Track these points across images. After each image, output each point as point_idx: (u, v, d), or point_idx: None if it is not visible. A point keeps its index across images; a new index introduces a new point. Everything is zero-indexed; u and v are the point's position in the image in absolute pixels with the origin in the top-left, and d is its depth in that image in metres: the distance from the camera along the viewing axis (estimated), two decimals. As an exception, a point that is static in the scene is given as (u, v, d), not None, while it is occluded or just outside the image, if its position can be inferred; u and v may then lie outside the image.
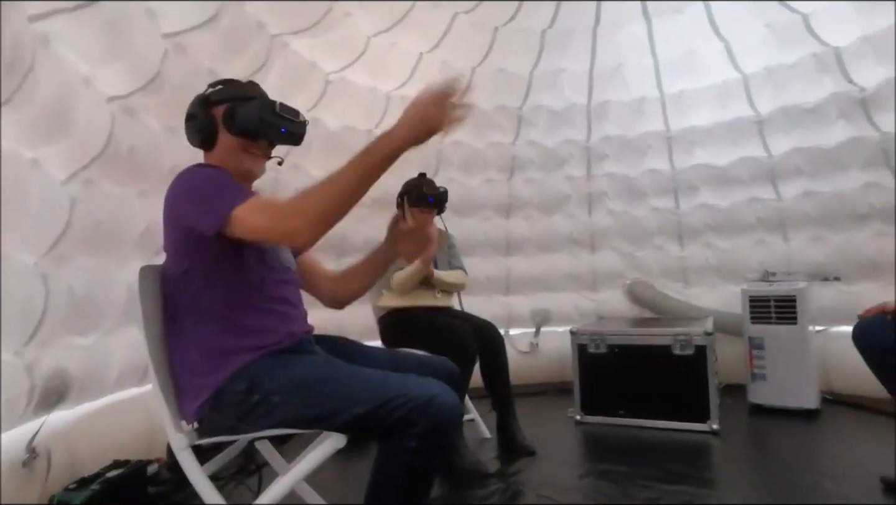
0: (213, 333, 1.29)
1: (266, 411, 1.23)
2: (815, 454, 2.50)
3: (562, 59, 3.91)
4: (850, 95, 3.25)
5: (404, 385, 1.18)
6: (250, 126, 1.35)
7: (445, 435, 1.18)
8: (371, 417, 1.15)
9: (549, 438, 2.83)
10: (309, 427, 1.24)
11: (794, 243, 3.57)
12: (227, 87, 1.43)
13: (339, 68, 3.33)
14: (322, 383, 1.22)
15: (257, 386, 1.24)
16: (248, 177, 1.44)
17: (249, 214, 1.19)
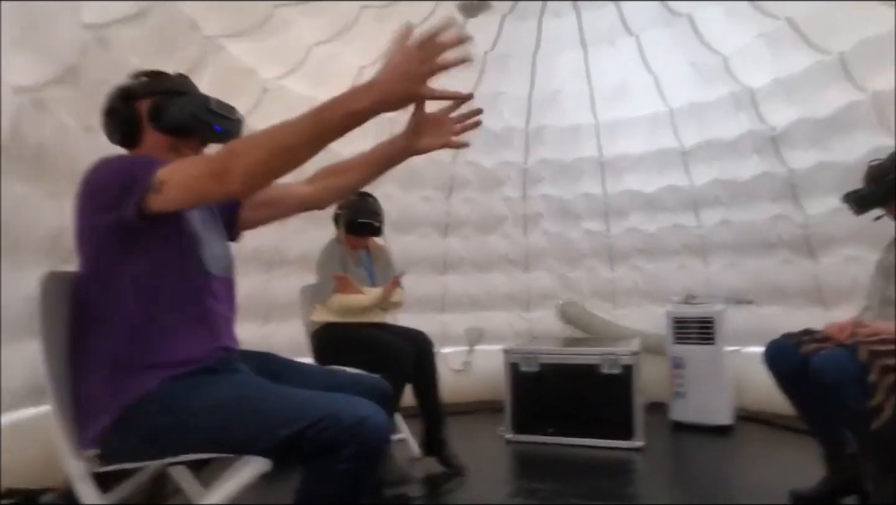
0: (124, 348, 1.17)
1: (180, 435, 1.14)
2: (730, 469, 2.63)
3: (502, 81, 4.00)
4: (762, 133, 3.51)
5: (333, 405, 1.12)
6: (181, 122, 1.24)
7: (375, 458, 1.13)
8: (297, 440, 1.09)
9: (479, 457, 2.82)
10: (229, 451, 1.16)
11: (713, 268, 3.79)
12: (153, 80, 1.32)
13: (278, 76, 3.24)
14: (244, 404, 1.15)
15: (171, 407, 1.14)
16: None
17: (178, 168, 1.09)
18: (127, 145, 1.30)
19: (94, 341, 1.19)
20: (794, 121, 3.35)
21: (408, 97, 1.04)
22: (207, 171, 1.08)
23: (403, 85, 1.01)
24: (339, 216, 2.72)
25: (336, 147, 3.69)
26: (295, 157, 1.05)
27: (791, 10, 3.07)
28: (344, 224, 2.68)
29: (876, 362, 1.69)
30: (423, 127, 1.31)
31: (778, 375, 2.07)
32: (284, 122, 1.04)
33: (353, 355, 2.31)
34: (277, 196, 1.48)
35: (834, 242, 3.24)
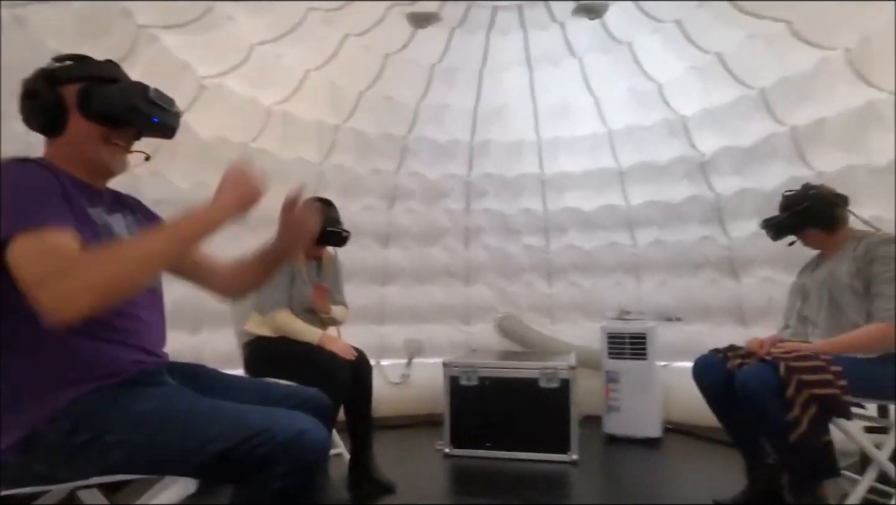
0: (32, 363, 1.05)
1: (96, 455, 1.03)
2: (659, 481, 2.71)
3: (448, 94, 4.02)
4: (692, 159, 3.71)
5: (268, 419, 1.06)
6: (117, 111, 1.13)
7: (313, 474, 1.08)
8: (230, 456, 1.02)
9: (416, 472, 2.78)
10: (153, 471, 1.06)
11: (646, 286, 3.94)
12: (81, 64, 1.20)
13: (217, 73, 3.11)
14: (170, 419, 1.06)
15: (85, 425, 1.04)
16: (104, 173, 1.22)
17: (30, 248, 0.95)
18: (49, 133, 1.17)
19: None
20: (720, 149, 3.56)
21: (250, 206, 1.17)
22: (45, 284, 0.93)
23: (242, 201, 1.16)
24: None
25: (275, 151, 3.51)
26: (154, 271, 1.07)
27: (720, 46, 3.27)
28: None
29: (793, 378, 1.79)
30: (289, 226, 1.45)
31: (705, 388, 2.16)
32: (144, 239, 1.07)
33: (288, 370, 2.21)
34: (206, 264, 1.42)
35: (754, 264, 3.45)
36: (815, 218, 2.12)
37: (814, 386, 1.78)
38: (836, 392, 1.78)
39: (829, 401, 1.78)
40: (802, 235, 2.19)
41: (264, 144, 3.48)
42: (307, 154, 3.76)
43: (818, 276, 2.13)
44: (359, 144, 3.97)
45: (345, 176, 3.95)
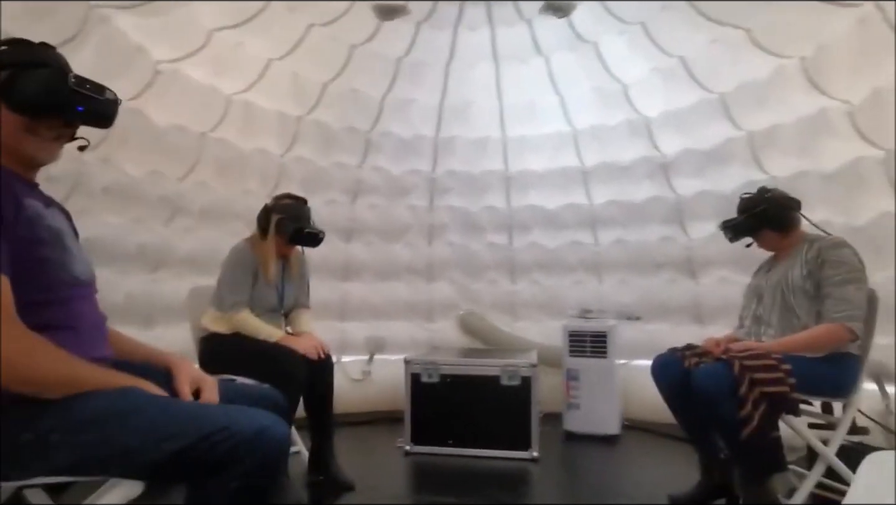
0: None
1: (39, 454, 0.98)
2: (617, 476, 2.76)
3: (414, 89, 3.98)
4: (654, 160, 3.78)
5: (227, 416, 1.02)
6: (34, 100, 1.07)
7: (274, 473, 1.04)
8: (185, 456, 0.97)
9: (377, 469, 2.75)
10: (102, 472, 1.01)
11: (607, 285, 4.00)
12: (10, 50, 1.12)
13: (173, 59, 2.98)
14: (122, 416, 1.00)
15: (28, 422, 0.98)
16: (30, 164, 1.15)
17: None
18: None
19: None
20: (682, 150, 3.64)
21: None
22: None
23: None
24: (269, 217, 2.41)
25: (235, 141, 3.39)
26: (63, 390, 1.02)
27: (683, 50, 3.34)
28: (283, 230, 2.39)
29: (746, 376, 1.84)
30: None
31: (663, 386, 2.20)
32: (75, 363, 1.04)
33: (245, 367, 2.14)
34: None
35: (711, 264, 3.54)
36: (770, 220, 2.17)
37: (765, 384, 1.83)
38: (786, 390, 1.84)
39: (779, 398, 1.83)
40: (758, 237, 2.25)
41: (224, 134, 3.37)
42: (268, 145, 3.67)
43: (772, 277, 2.19)
44: (322, 137, 3.89)
45: (307, 169, 3.87)
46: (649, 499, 2.26)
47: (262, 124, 3.58)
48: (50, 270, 1.09)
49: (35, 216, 1.09)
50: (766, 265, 2.33)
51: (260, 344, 2.30)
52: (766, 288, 2.20)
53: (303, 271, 2.66)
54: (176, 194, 3.16)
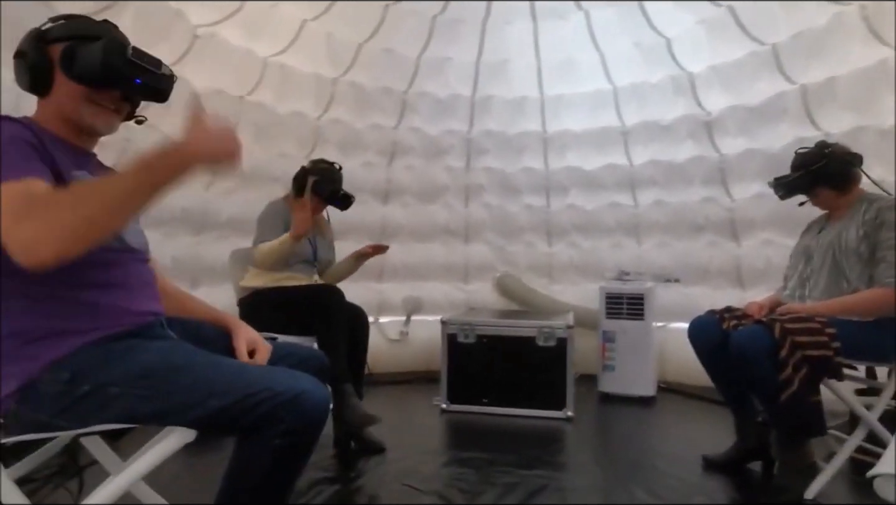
0: (25, 311, 1.05)
1: (98, 405, 1.04)
2: (652, 437, 2.77)
3: (450, 47, 3.91)
4: (697, 118, 3.64)
5: (270, 378, 1.08)
6: (94, 70, 1.09)
7: (313, 434, 1.09)
8: (230, 412, 1.03)
9: (414, 427, 2.84)
10: (154, 422, 1.07)
11: (645, 247, 3.93)
12: (69, 23, 1.16)
13: (210, 23, 3.01)
14: (173, 372, 1.07)
15: (85, 375, 1.04)
16: (89, 132, 1.20)
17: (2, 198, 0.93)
18: (36, 93, 1.15)
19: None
20: (727, 108, 3.49)
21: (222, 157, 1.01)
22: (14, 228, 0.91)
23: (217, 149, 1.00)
24: (305, 178, 2.50)
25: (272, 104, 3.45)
26: (121, 218, 0.98)
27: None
28: (320, 190, 2.51)
29: (787, 339, 1.80)
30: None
31: (700, 348, 2.18)
32: (108, 181, 0.98)
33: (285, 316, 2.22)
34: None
35: (755, 226, 3.43)
36: (829, 177, 2.06)
37: (807, 347, 1.79)
38: (829, 354, 1.80)
39: (822, 362, 1.79)
40: (814, 195, 2.15)
41: (260, 97, 3.40)
42: (304, 108, 3.69)
43: (824, 238, 2.10)
44: (358, 99, 3.89)
45: (343, 131, 3.89)
46: (683, 460, 2.27)
47: (298, 87, 3.60)
48: None
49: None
50: (817, 224, 2.24)
51: (293, 290, 2.38)
52: (816, 248, 2.12)
53: (330, 231, 2.79)
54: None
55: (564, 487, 2.01)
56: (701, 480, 2.10)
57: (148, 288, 1.25)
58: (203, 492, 1.33)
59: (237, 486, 1.08)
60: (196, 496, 1.69)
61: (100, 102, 1.16)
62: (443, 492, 1.95)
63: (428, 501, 1.89)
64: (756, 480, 2.11)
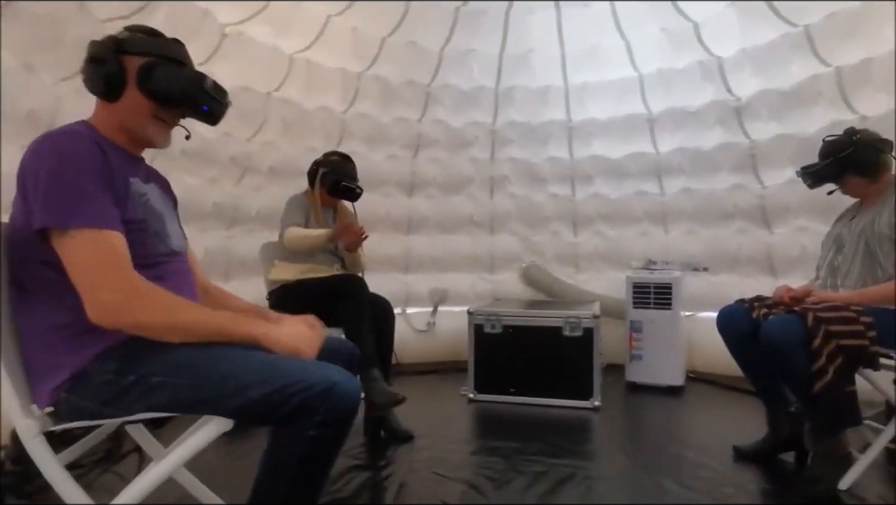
0: (74, 307, 1.10)
1: (142, 393, 1.10)
2: (680, 427, 2.75)
3: (473, 38, 3.90)
4: (726, 104, 3.56)
5: (303, 370, 1.11)
6: (171, 93, 1.20)
7: (345, 425, 1.13)
8: (266, 403, 1.08)
9: (442, 416, 2.88)
10: (193, 411, 1.13)
11: (673, 235, 3.88)
12: (149, 39, 1.24)
13: (237, 21, 3.06)
14: (212, 363, 1.12)
15: (131, 366, 1.11)
16: (146, 145, 1.28)
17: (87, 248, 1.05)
18: (106, 99, 1.21)
19: (43, 299, 1.13)
20: (758, 92, 3.40)
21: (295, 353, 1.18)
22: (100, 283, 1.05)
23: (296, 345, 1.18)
24: (316, 172, 2.63)
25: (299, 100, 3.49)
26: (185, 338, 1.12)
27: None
28: (325, 182, 2.60)
29: (821, 328, 1.77)
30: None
31: (729, 337, 2.16)
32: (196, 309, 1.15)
33: (313, 306, 2.27)
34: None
35: (788, 213, 3.35)
36: (857, 165, 2.02)
37: (842, 337, 1.76)
38: (865, 343, 1.76)
39: (857, 352, 1.76)
40: (843, 183, 2.10)
41: (287, 93, 3.46)
42: (330, 103, 3.74)
43: (855, 225, 2.05)
44: (382, 92, 3.92)
45: (369, 125, 3.92)
46: (713, 450, 2.25)
47: (324, 82, 3.64)
48: (149, 245, 1.21)
49: (138, 194, 1.21)
50: (849, 212, 2.19)
51: (319, 280, 2.43)
52: (847, 237, 2.07)
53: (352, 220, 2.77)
54: (245, 154, 3.31)
55: (592, 476, 2.02)
56: (731, 470, 2.08)
57: (188, 287, 1.31)
58: (237, 477, 1.38)
59: (274, 474, 1.13)
60: (231, 482, 1.75)
61: (163, 119, 1.24)
62: (471, 480, 1.98)
63: (457, 488, 1.92)
64: (789, 470, 2.08)
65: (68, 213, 1.05)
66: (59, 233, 1.05)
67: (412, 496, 1.88)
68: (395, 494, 1.89)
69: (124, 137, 1.23)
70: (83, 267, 1.05)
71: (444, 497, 1.84)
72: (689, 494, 1.88)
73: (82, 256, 1.05)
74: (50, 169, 1.06)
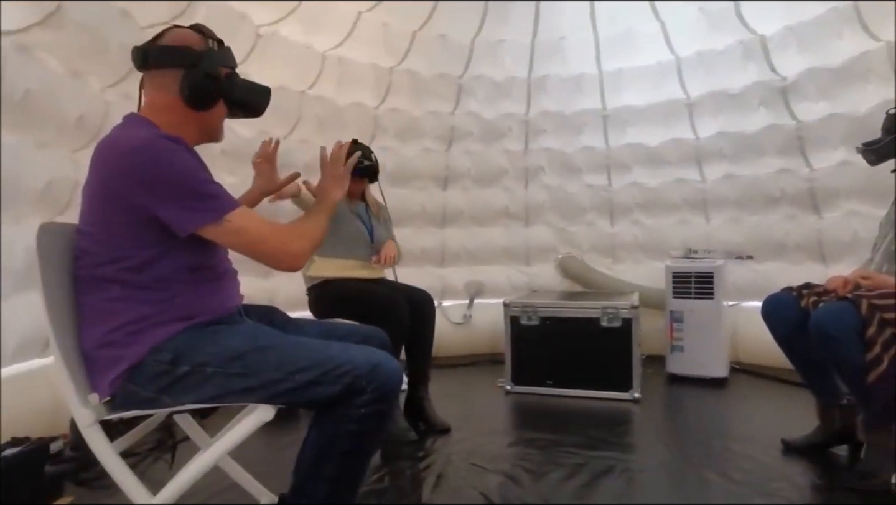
0: (136, 303, 1.17)
1: (197, 383, 1.16)
2: (724, 419, 2.68)
3: (504, 28, 3.87)
4: (771, 84, 3.42)
5: (347, 353, 1.17)
6: (248, 103, 1.33)
7: (391, 402, 1.18)
8: (316, 385, 1.13)
9: (479, 408, 2.88)
10: (245, 399, 1.17)
11: (714, 223, 3.77)
12: (229, 52, 1.34)
13: (271, 22, 3.12)
14: (260, 351, 1.17)
15: (185, 357, 1.16)
16: (208, 142, 1.36)
17: (253, 222, 1.20)
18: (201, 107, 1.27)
19: (101, 295, 1.19)
20: (805, 70, 3.26)
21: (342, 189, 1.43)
22: (278, 241, 1.23)
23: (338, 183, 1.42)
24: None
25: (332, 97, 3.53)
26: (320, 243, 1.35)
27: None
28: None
29: (876, 316, 1.69)
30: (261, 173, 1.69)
31: (776, 326, 2.08)
32: (307, 217, 1.37)
33: (349, 309, 2.30)
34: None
35: (838, 197, 3.21)
36: None
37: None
38: (923, 331, 1.67)
39: (914, 340, 1.67)
40: None
41: (321, 91, 3.50)
42: (363, 98, 3.77)
43: (916, 208, 1.95)
44: (414, 86, 3.93)
45: (401, 119, 3.94)
46: (760, 443, 2.18)
47: (357, 78, 3.67)
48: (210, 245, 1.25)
49: None
50: (910, 192, 2.07)
51: (361, 288, 2.44)
52: (906, 220, 1.97)
53: (386, 215, 2.78)
54: (282, 152, 3.35)
55: (632, 469, 1.99)
56: (780, 463, 2.02)
57: (233, 283, 1.37)
58: (281, 467, 1.42)
59: (324, 455, 1.17)
60: (275, 471, 1.80)
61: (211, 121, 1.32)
62: (509, 471, 1.98)
63: (495, 479, 1.92)
64: (841, 464, 2.00)
65: (216, 206, 1.16)
66: (215, 225, 1.16)
67: (450, 487, 1.89)
68: (433, 486, 1.91)
69: (195, 138, 1.31)
70: (261, 237, 1.20)
71: (482, 488, 1.85)
72: (735, 487, 1.83)
73: (252, 231, 1.19)
74: (180, 173, 1.14)
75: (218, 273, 1.30)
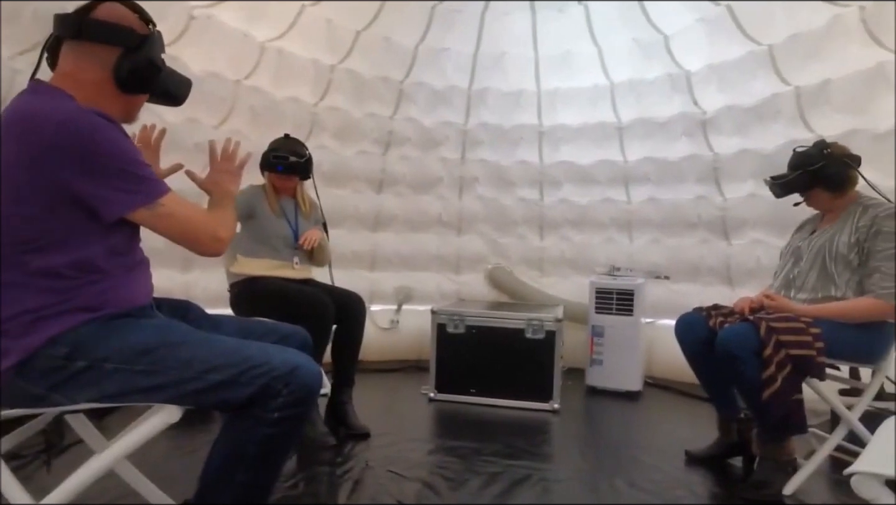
0: (36, 291, 1.06)
1: (93, 380, 1.06)
2: (636, 431, 2.80)
3: (448, 37, 3.90)
4: (693, 116, 3.65)
5: (264, 353, 1.12)
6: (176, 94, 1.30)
7: (308, 407, 1.14)
8: (229, 386, 1.07)
9: (402, 414, 2.86)
10: (150, 398, 1.09)
11: (637, 243, 3.95)
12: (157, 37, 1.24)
13: (206, 5, 2.98)
14: (170, 348, 1.10)
15: (83, 350, 1.06)
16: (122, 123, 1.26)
17: (182, 207, 1.17)
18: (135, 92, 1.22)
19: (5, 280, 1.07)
20: (723, 107, 3.50)
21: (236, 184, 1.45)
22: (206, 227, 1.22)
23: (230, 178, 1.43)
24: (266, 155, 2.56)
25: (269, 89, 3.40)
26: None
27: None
28: (262, 161, 2.54)
29: (772, 338, 1.82)
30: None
31: (686, 344, 2.20)
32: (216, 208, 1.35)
33: (272, 308, 2.22)
34: None
35: (746, 226, 3.45)
36: (826, 179, 2.02)
37: (791, 346, 1.81)
38: (812, 353, 1.82)
39: (804, 361, 1.81)
40: (809, 196, 2.11)
41: (257, 82, 3.38)
42: (301, 94, 3.67)
43: (815, 241, 2.08)
44: (354, 86, 3.87)
45: (340, 118, 3.87)
46: (666, 453, 2.30)
47: (296, 72, 3.57)
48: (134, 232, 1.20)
49: None
50: (809, 224, 2.23)
51: (286, 288, 2.37)
52: (806, 250, 2.10)
53: (316, 215, 2.72)
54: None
55: (548, 478, 2.04)
56: (683, 473, 2.13)
57: (146, 274, 1.28)
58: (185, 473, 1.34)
59: (232, 461, 1.10)
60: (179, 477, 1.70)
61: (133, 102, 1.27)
62: (427, 479, 1.97)
63: (412, 487, 1.90)
64: (736, 474, 2.14)
65: (150, 189, 1.12)
66: (147, 209, 1.11)
67: (366, 494, 1.86)
68: (349, 492, 1.87)
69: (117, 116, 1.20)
70: (191, 222, 1.19)
71: (399, 496, 1.83)
72: (642, 495, 1.92)
73: (181, 215, 1.16)
74: (114, 152, 1.07)
75: (133, 263, 1.20)
